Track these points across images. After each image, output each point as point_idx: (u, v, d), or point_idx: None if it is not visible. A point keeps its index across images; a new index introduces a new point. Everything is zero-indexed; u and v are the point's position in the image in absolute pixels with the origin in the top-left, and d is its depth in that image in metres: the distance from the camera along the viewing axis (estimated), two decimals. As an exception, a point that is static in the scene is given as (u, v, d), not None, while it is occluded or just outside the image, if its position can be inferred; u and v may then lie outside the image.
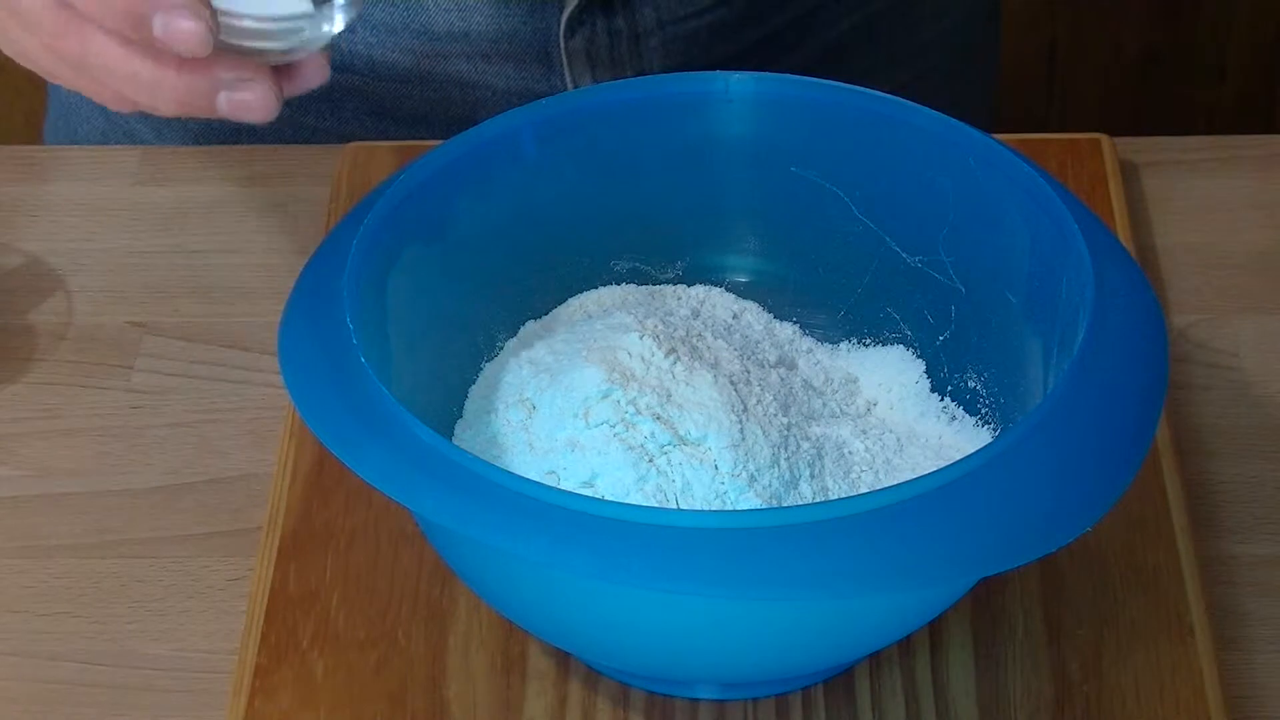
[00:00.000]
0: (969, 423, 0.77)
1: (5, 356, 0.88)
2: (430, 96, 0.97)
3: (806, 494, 0.71)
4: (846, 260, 0.79)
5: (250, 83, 0.67)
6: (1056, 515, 0.63)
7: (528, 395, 0.73)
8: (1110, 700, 0.73)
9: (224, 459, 0.84)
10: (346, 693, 0.73)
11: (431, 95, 0.97)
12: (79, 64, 0.68)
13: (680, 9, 0.94)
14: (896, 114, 0.76)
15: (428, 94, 0.97)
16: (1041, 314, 0.73)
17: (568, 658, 0.74)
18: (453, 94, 0.97)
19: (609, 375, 0.72)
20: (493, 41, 0.94)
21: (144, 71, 0.67)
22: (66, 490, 0.83)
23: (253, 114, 0.68)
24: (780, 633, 0.67)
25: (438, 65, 0.96)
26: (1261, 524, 0.80)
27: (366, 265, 0.70)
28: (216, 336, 0.89)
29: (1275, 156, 0.96)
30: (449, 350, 0.76)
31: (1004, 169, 0.73)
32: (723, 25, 0.96)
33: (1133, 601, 0.75)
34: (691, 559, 0.60)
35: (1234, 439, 0.83)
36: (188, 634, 0.77)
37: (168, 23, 0.65)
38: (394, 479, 0.63)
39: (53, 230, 0.94)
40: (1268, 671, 0.75)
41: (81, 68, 0.68)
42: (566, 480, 0.70)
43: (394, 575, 0.77)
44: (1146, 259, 0.90)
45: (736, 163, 0.78)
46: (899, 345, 0.79)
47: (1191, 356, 0.86)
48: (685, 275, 0.81)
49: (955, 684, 0.73)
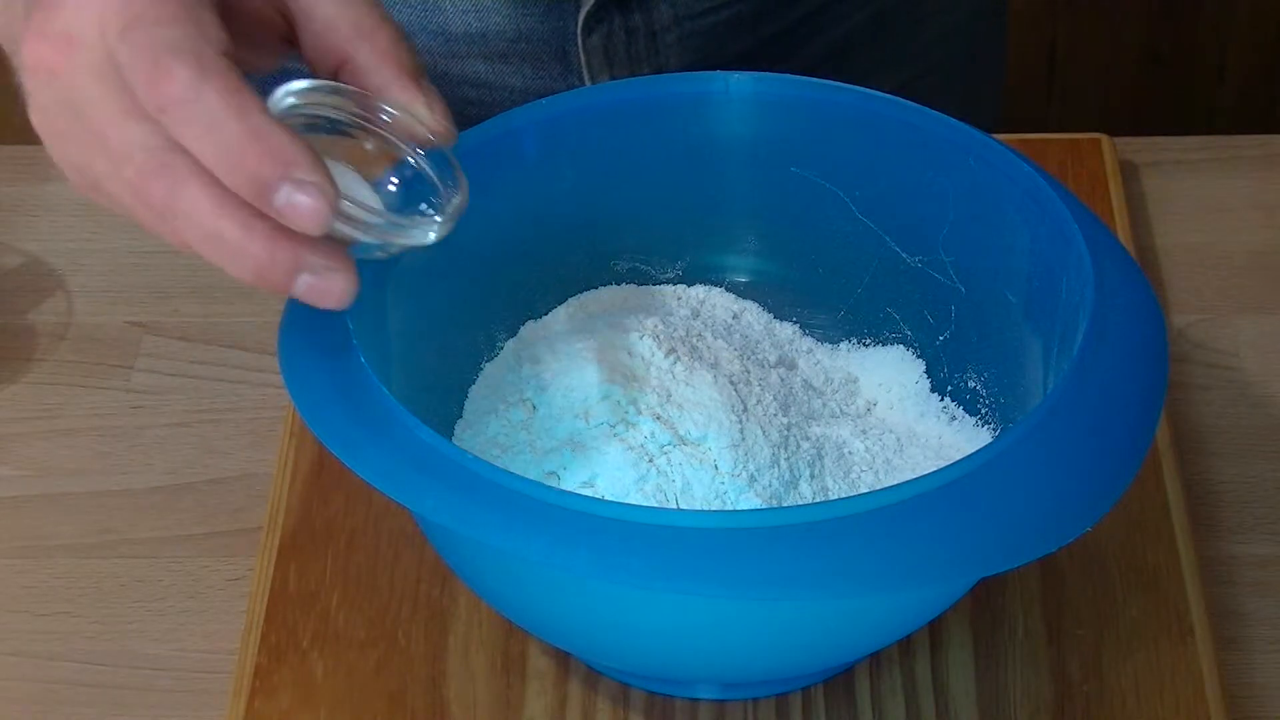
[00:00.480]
0: (969, 423, 0.77)
1: (5, 356, 0.88)
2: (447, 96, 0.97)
3: (806, 494, 0.71)
4: (846, 260, 0.79)
5: (335, 273, 0.62)
6: (1056, 515, 0.63)
7: (528, 395, 0.73)
8: (1110, 700, 0.73)
9: (224, 459, 0.84)
10: (346, 693, 0.73)
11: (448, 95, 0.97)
12: (161, 209, 0.62)
13: (696, 5, 0.94)
14: (896, 114, 0.76)
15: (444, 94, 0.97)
16: (1041, 314, 0.73)
17: (568, 658, 0.74)
18: (469, 94, 0.97)
19: (609, 375, 0.72)
20: (510, 41, 0.94)
21: (230, 234, 0.61)
22: (66, 490, 0.83)
23: (327, 303, 0.63)
24: (780, 633, 0.66)
25: (454, 66, 0.96)
26: (1261, 524, 0.80)
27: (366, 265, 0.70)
28: (216, 336, 0.89)
29: (1275, 156, 0.96)
30: (449, 350, 0.76)
31: (1004, 169, 0.73)
32: (738, 21, 0.96)
33: (1133, 601, 0.75)
34: (691, 559, 0.60)
35: (1234, 439, 0.83)
36: (188, 634, 0.77)
37: (293, 196, 0.60)
38: (394, 479, 0.63)
39: (53, 230, 0.94)
40: (1268, 671, 0.75)
41: (162, 213, 0.62)
42: (566, 480, 0.70)
43: (394, 575, 0.77)
44: (1146, 259, 0.90)
45: (736, 163, 0.78)
46: (899, 345, 0.79)
47: (1191, 356, 0.86)
48: (685, 275, 0.81)
49: (955, 684, 0.73)
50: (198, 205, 0.61)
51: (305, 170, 0.60)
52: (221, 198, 0.61)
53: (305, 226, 0.60)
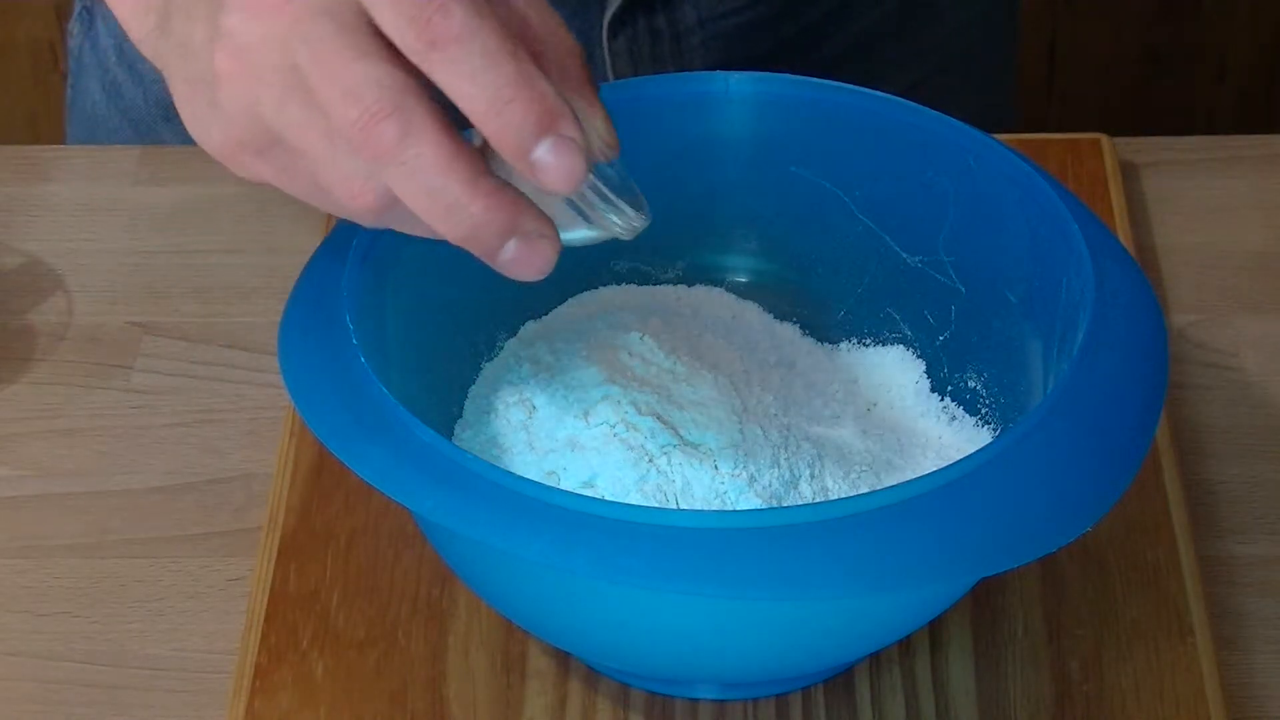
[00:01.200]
0: (969, 423, 0.77)
1: (5, 356, 0.88)
2: None
3: (806, 494, 0.71)
4: (846, 260, 0.79)
5: (545, 240, 0.60)
6: (1056, 515, 0.63)
7: (528, 395, 0.73)
8: (1110, 700, 0.73)
9: (224, 459, 0.84)
10: (346, 693, 0.73)
11: None
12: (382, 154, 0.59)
13: (720, 6, 0.94)
14: (896, 114, 0.76)
15: None
16: (1041, 314, 0.73)
17: (568, 658, 0.74)
18: None
19: (609, 375, 0.72)
20: None
21: (453, 189, 0.59)
22: (66, 490, 0.83)
23: (529, 271, 0.61)
24: (780, 633, 0.66)
25: None
26: (1261, 524, 0.80)
27: (366, 265, 0.70)
28: (216, 336, 0.89)
29: (1275, 156, 0.96)
30: (449, 350, 0.76)
31: (1004, 169, 0.73)
32: (761, 21, 0.96)
33: (1133, 601, 0.75)
34: (691, 559, 0.60)
35: (1234, 439, 0.83)
36: (188, 634, 0.77)
37: (555, 148, 0.58)
38: (394, 479, 0.63)
39: (53, 230, 0.94)
40: (1268, 671, 0.75)
41: (382, 158, 0.59)
42: (566, 480, 0.70)
43: (394, 575, 0.77)
44: (1146, 259, 0.90)
45: (736, 163, 0.78)
46: (899, 345, 0.79)
47: (1191, 356, 0.86)
48: (685, 275, 0.81)
49: (955, 684, 0.73)
50: (427, 153, 0.58)
51: (570, 125, 0.58)
52: (454, 149, 0.59)
53: (558, 183, 0.58)
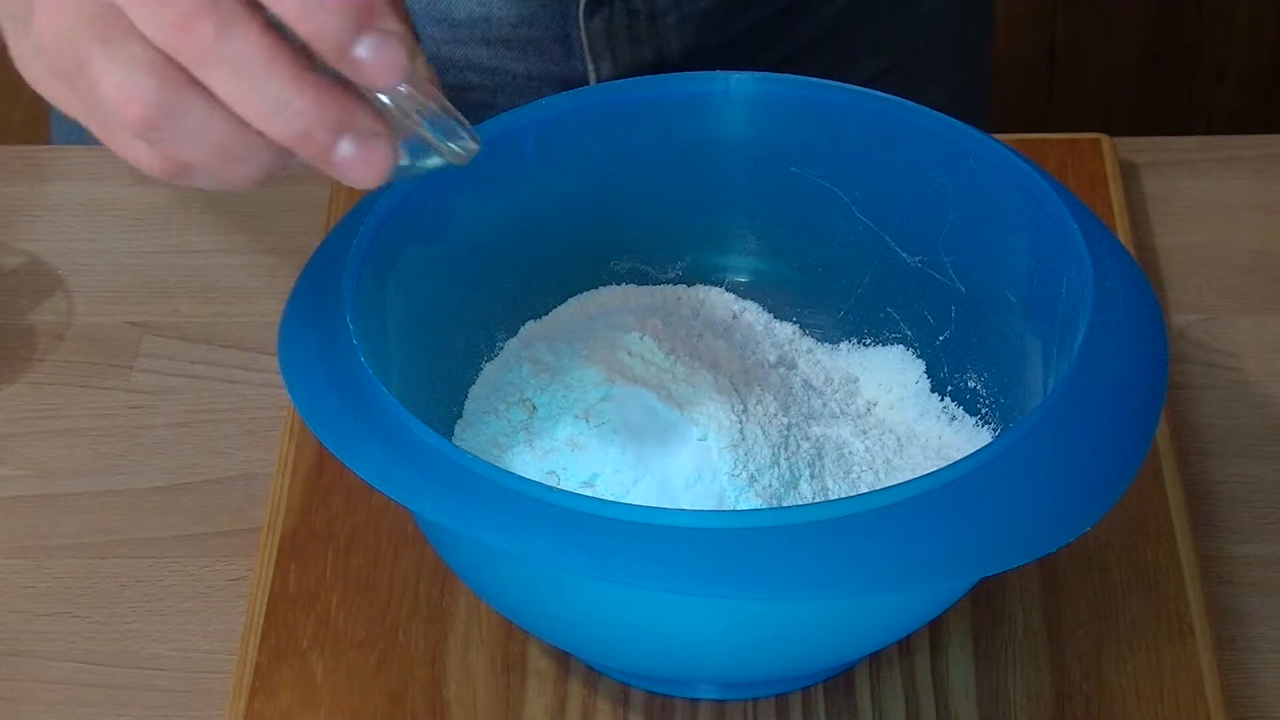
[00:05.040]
0: (969, 423, 0.77)
1: (5, 356, 0.88)
2: (449, 83, 0.97)
3: (806, 494, 0.71)
4: (846, 260, 0.79)
5: (380, 139, 0.58)
6: (1056, 515, 0.63)
7: (528, 395, 0.73)
8: (1110, 700, 0.73)
9: (224, 459, 0.84)
10: (346, 693, 0.73)
11: (451, 81, 0.97)
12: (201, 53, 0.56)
13: None
14: (896, 114, 0.76)
15: (447, 80, 0.97)
16: (1041, 314, 0.73)
17: (568, 658, 0.74)
18: (472, 79, 0.97)
19: (609, 375, 0.72)
20: (513, 26, 0.95)
21: (278, 84, 0.56)
22: (66, 490, 0.83)
23: (368, 174, 0.58)
24: (780, 633, 0.66)
25: (457, 52, 0.96)
26: (1261, 524, 0.80)
27: (366, 265, 0.70)
28: (216, 336, 0.89)
29: (1275, 156, 0.96)
30: (449, 350, 0.76)
31: (1004, 169, 0.73)
32: (735, 2, 0.96)
33: (1133, 601, 0.75)
34: (692, 559, 0.60)
35: (1234, 439, 0.83)
36: (188, 634, 0.77)
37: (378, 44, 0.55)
38: (394, 479, 0.63)
39: (53, 230, 0.94)
40: (1268, 671, 0.75)
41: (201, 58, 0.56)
42: (566, 480, 0.70)
43: (394, 575, 0.77)
44: (1146, 259, 0.90)
45: (736, 163, 0.78)
46: (899, 345, 0.79)
47: (1191, 356, 0.86)
48: (685, 275, 0.81)
49: (955, 684, 0.73)
50: (247, 48, 0.56)
51: (389, 20, 0.56)
52: (274, 44, 0.56)
53: (381, 77, 0.56)
